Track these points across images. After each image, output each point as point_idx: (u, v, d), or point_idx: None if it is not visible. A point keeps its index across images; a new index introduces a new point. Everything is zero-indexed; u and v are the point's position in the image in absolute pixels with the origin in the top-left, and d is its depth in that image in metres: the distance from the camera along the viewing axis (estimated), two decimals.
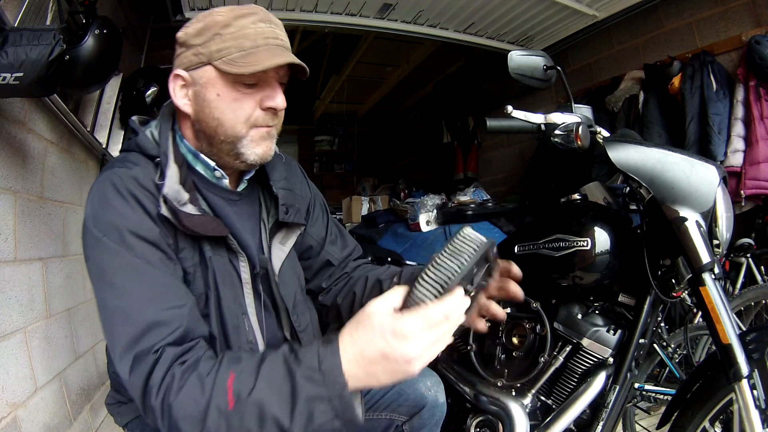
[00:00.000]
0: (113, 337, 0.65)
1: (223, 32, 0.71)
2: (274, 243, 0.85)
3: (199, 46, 0.72)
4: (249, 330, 0.79)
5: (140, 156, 0.76)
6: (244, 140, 0.75)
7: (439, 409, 0.98)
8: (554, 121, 1.07)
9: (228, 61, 0.71)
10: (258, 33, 0.72)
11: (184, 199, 0.71)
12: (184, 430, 0.59)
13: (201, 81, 0.73)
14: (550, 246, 1.09)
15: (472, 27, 3.17)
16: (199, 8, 2.67)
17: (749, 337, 0.93)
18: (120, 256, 0.66)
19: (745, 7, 2.42)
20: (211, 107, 0.73)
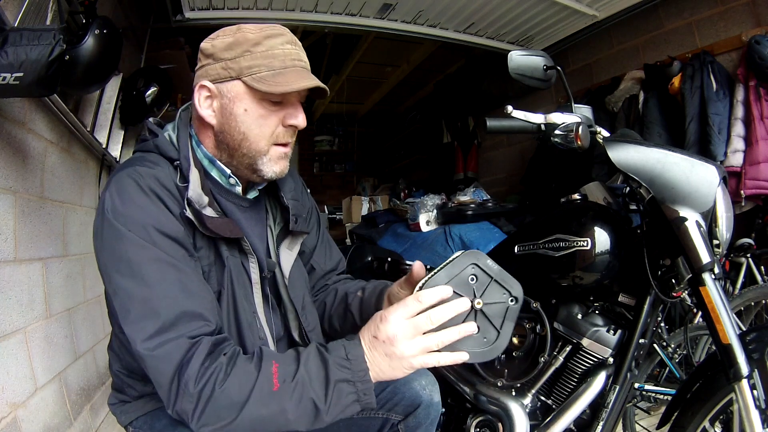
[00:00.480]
0: (138, 324, 0.68)
1: (253, 50, 0.75)
2: (282, 248, 0.91)
3: (229, 61, 0.75)
4: (260, 328, 0.83)
5: (159, 157, 0.79)
6: (265, 157, 0.79)
7: (435, 408, 0.98)
8: (554, 121, 1.07)
9: (258, 78, 0.74)
10: (286, 54, 0.76)
11: (205, 203, 0.76)
12: (222, 417, 0.64)
13: (229, 95, 0.76)
14: (550, 246, 1.09)
15: (472, 27, 3.17)
16: (199, 8, 2.67)
17: (749, 337, 0.93)
18: (147, 250, 0.69)
19: (745, 7, 2.42)
20: (238, 121, 0.77)
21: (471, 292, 0.73)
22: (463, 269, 0.73)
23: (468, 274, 0.73)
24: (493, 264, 0.76)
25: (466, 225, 2.87)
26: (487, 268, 0.75)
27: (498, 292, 0.75)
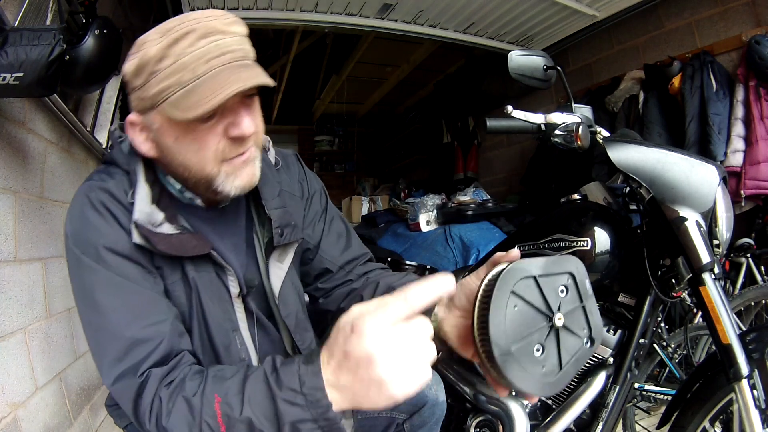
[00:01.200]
0: (98, 355, 0.65)
1: (159, 68, 0.61)
2: (271, 261, 0.80)
3: (140, 90, 0.64)
4: (241, 347, 0.76)
5: (117, 168, 0.72)
6: (218, 178, 0.68)
7: (440, 407, 0.98)
8: (554, 121, 1.07)
9: (171, 103, 0.62)
10: (198, 57, 0.61)
11: (158, 220, 0.67)
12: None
13: (154, 126, 0.66)
14: (550, 246, 1.09)
15: (472, 27, 3.17)
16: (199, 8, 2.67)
17: (749, 337, 0.93)
18: (98, 273, 0.65)
19: (745, 7, 2.42)
20: (173, 153, 0.67)
21: (553, 306, 0.55)
22: (559, 274, 0.57)
23: (560, 283, 0.57)
24: (590, 287, 0.60)
25: (466, 225, 2.87)
26: (582, 288, 0.59)
27: (579, 323, 0.58)
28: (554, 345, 0.55)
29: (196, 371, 0.63)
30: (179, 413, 0.58)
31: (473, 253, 2.58)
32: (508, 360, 0.50)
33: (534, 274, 0.54)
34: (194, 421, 0.57)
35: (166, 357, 0.64)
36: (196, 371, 0.63)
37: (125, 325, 0.63)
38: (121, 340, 0.63)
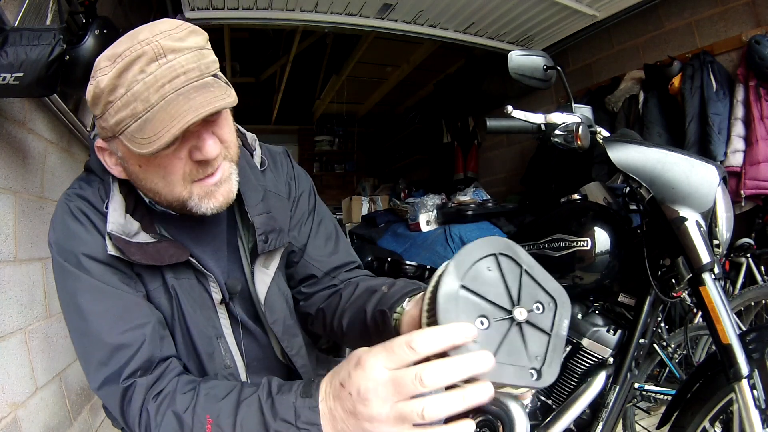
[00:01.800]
0: (84, 361, 0.66)
1: (112, 99, 0.59)
2: (256, 267, 0.77)
3: (100, 119, 0.62)
4: (226, 354, 0.75)
5: (95, 176, 0.73)
6: (191, 200, 0.66)
7: None
8: (554, 121, 1.07)
9: (128, 136, 0.59)
10: (149, 86, 0.57)
11: (133, 230, 0.67)
12: None
13: (119, 153, 0.65)
14: (550, 246, 1.09)
15: (472, 27, 3.17)
16: (199, 8, 2.67)
17: (749, 337, 0.93)
18: (80, 280, 0.65)
19: (745, 7, 2.42)
20: (140, 179, 0.66)
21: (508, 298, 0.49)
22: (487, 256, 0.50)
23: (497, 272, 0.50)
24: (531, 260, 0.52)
25: (466, 225, 2.86)
26: (528, 269, 0.51)
27: (532, 295, 0.51)
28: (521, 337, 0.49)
29: (186, 383, 0.62)
30: (168, 427, 0.58)
31: None
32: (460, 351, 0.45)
33: (488, 253, 0.49)
34: None
35: (149, 362, 0.64)
36: (186, 383, 0.62)
37: (107, 330, 0.64)
38: (103, 346, 0.63)
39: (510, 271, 0.50)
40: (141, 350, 0.63)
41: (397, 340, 0.46)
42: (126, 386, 0.62)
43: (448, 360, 0.43)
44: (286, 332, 0.81)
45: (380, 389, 0.45)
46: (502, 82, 3.66)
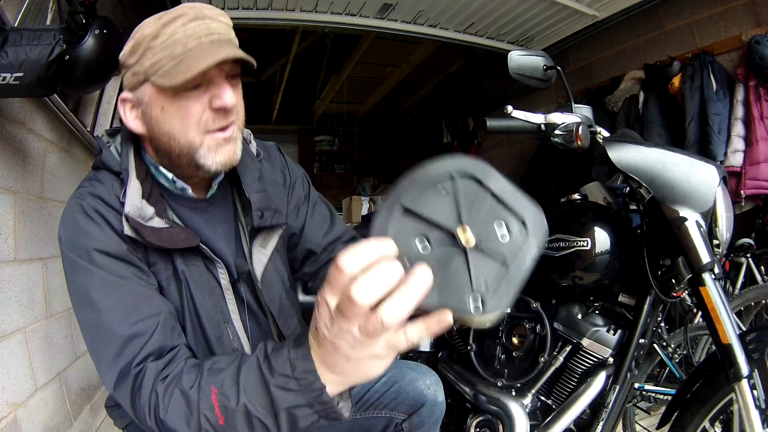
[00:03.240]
0: (96, 354, 0.66)
1: (153, 45, 0.67)
2: (254, 247, 0.81)
3: (135, 65, 0.69)
4: (234, 338, 0.78)
5: (106, 173, 0.75)
6: (201, 150, 0.70)
7: (438, 407, 0.98)
8: (554, 121, 1.07)
9: (162, 74, 0.67)
10: (188, 35, 0.67)
11: (149, 214, 0.70)
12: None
13: (144, 99, 0.71)
14: (550, 246, 1.09)
15: (472, 27, 3.17)
16: None
17: (749, 337, 0.93)
18: (93, 274, 0.67)
19: (745, 7, 2.42)
20: (159, 123, 0.70)
21: (457, 222, 0.45)
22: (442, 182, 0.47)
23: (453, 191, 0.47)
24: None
25: None
26: (498, 192, 0.47)
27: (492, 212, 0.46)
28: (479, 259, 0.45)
29: (192, 365, 0.63)
30: (176, 406, 0.59)
31: None
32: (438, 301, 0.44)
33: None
34: (191, 414, 0.58)
35: (161, 350, 0.65)
36: (192, 365, 0.63)
37: (120, 321, 0.65)
38: (116, 338, 0.64)
39: (469, 194, 0.46)
40: (153, 337, 0.65)
41: (330, 269, 0.45)
42: (137, 372, 0.63)
43: (376, 270, 0.43)
44: (282, 312, 0.84)
45: (337, 322, 0.46)
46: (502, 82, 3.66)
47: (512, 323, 1.17)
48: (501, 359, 1.16)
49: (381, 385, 0.97)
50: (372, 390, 0.97)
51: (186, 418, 0.58)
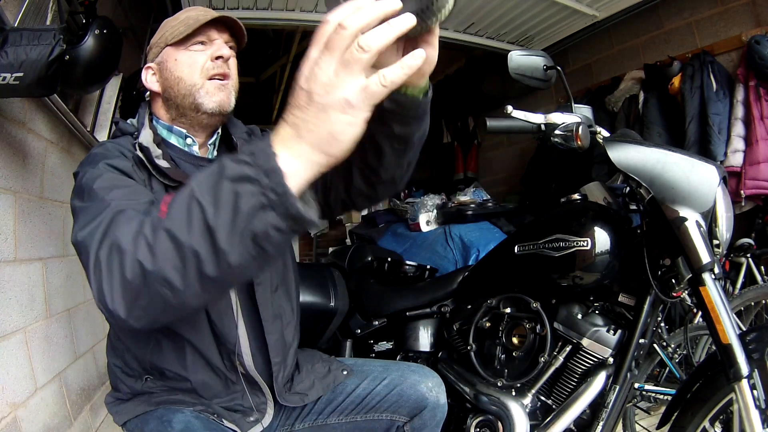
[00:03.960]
0: (82, 230, 0.65)
1: (172, 22, 0.90)
2: None
3: (159, 40, 0.90)
4: None
5: (123, 137, 0.89)
6: (201, 90, 0.86)
7: (440, 409, 0.98)
8: (554, 121, 1.07)
9: (176, 35, 0.87)
10: (201, 14, 0.88)
11: (158, 153, 0.84)
12: (125, 249, 0.56)
13: (162, 60, 0.89)
14: (550, 246, 1.09)
15: (472, 27, 3.17)
16: None
17: (749, 337, 0.93)
18: (101, 173, 0.75)
19: (745, 7, 2.42)
20: (172, 71, 0.88)
21: None
22: None
23: None
24: None
25: (466, 225, 2.86)
26: None
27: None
28: None
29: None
30: (129, 224, 0.60)
31: (473, 253, 2.58)
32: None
33: None
34: (139, 228, 0.57)
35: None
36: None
37: (117, 200, 0.69)
38: (107, 209, 0.66)
39: None
40: (144, 209, 0.67)
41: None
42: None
43: (362, 6, 0.46)
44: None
45: (320, 58, 0.46)
46: (502, 82, 3.66)
47: (512, 323, 1.17)
48: (501, 359, 1.16)
49: (383, 387, 0.97)
50: (374, 393, 0.97)
51: (134, 227, 0.58)
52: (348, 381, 1.00)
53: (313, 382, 0.97)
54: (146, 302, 0.56)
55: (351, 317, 1.51)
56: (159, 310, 0.57)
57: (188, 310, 0.59)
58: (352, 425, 0.97)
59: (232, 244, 0.50)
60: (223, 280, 0.54)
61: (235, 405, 0.90)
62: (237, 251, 0.50)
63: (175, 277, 0.53)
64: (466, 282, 1.38)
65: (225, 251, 0.50)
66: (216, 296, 0.63)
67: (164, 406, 0.86)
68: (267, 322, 0.89)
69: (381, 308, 1.48)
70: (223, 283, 0.56)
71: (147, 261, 0.54)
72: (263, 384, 0.91)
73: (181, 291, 0.53)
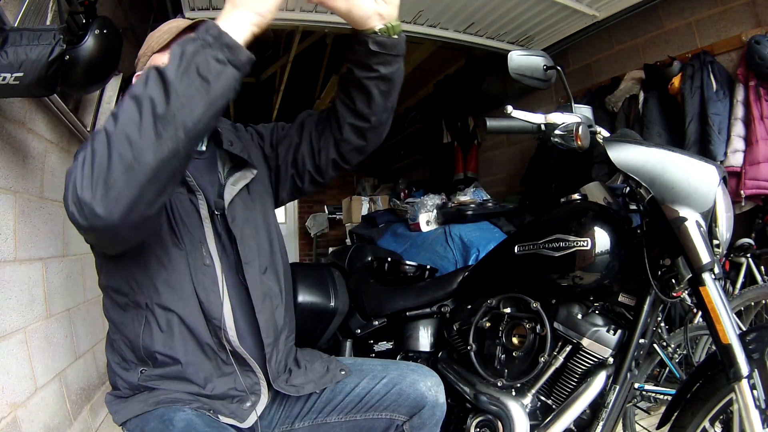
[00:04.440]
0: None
1: (156, 33, 0.96)
2: (227, 185, 0.98)
3: (146, 50, 0.96)
4: (206, 255, 0.91)
5: None
6: None
7: (439, 409, 0.98)
8: (554, 121, 1.07)
9: (161, 42, 0.93)
10: (182, 23, 0.93)
11: None
12: (95, 132, 0.69)
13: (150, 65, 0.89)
14: (550, 246, 1.09)
15: (472, 27, 3.17)
16: (199, 8, 2.67)
17: (749, 337, 0.93)
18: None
19: (745, 7, 2.42)
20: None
21: None
22: None
23: None
24: None
25: (466, 225, 2.86)
26: None
27: None
28: None
29: None
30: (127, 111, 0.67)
31: (473, 253, 2.58)
32: None
33: None
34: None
35: None
36: None
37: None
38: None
39: None
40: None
41: None
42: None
43: None
44: (244, 240, 0.95)
45: None
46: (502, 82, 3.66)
47: (512, 323, 1.17)
48: (501, 359, 1.16)
49: (382, 386, 0.98)
50: (373, 391, 0.97)
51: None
52: (347, 380, 1.00)
53: (310, 379, 0.98)
54: (110, 173, 0.63)
55: (351, 317, 1.51)
56: (123, 181, 0.63)
57: (148, 172, 0.63)
58: (352, 424, 0.97)
59: (180, 78, 0.64)
60: (174, 117, 0.63)
61: (230, 391, 0.91)
62: (184, 83, 0.63)
63: (133, 129, 0.63)
64: (466, 282, 1.38)
65: (172, 83, 0.63)
66: (171, 150, 0.64)
67: (165, 406, 0.86)
68: (257, 300, 0.93)
69: (381, 308, 1.47)
70: (175, 124, 0.63)
71: (111, 126, 0.64)
72: (253, 362, 0.92)
73: (137, 142, 0.62)
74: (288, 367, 0.99)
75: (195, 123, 0.65)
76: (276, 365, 0.95)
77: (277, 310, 0.98)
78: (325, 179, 1.07)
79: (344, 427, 0.98)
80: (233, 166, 1.01)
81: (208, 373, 0.90)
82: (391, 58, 0.88)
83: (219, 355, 0.90)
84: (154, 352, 0.87)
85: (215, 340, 0.90)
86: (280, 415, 0.99)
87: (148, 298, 0.87)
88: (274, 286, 0.99)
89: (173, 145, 0.64)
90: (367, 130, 0.98)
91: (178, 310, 0.87)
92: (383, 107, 0.96)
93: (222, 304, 0.90)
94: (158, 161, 0.63)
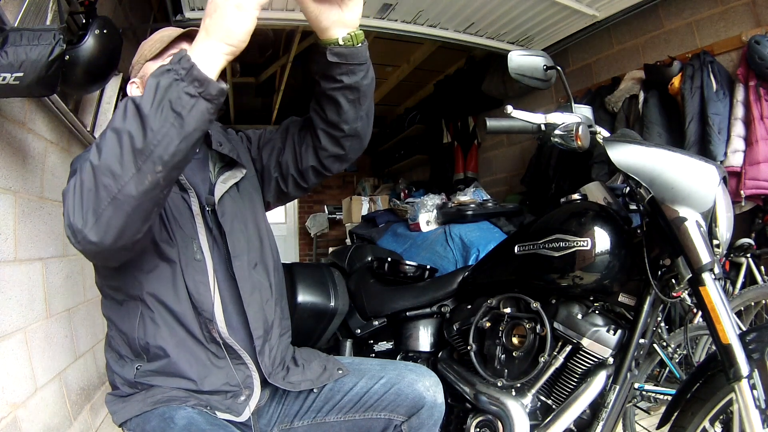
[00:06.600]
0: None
1: (149, 42, 0.98)
2: (217, 182, 1.00)
3: (139, 59, 0.99)
4: (197, 251, 0.93)
5: None
6: None
7: (438, 409, 0.98)
8: (554, 121, 1.07)
9: (154, 50, 0.96)
10: (173, 32, 0.96)
11: None
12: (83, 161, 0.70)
13: (144, 74, 0.97)
14: (550, 246, 1.09)
15: (472, 27, 3.17)
16: (199, 8, 2.67)
17: (749, 337, 0.93)
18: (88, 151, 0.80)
19: (745, 7, 2.42)
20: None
21: None
22: None
23: None
24: None
25: (466, 225, 2.86)
26: None
27: None
28: None
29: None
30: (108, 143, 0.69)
31: (473, 253, 2.58)
32: None
33: None
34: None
35: None
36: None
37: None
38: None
39: None
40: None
41: None
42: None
43: None
44: (233, 234, 0.97)
45: None
46: (502, 82, 3.66)
47: (512, 323, 1.17)
48: (501, 359, 1.16)
49: (380, 386, 0.98)
50: (371, 391, 0.97)
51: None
52: (345, 379, 1.00)
53: (307, 377, 0.99)
54: (98, 204, 0.66)
55: (351, 317, 1.51)
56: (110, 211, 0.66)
57: (132, 203, 0.67)
58: (351, 423, 0.98)
59: (155, 114, 0.65)
60: (152, 152, 0.66)
61: (224, 386, 0.92)
62: (159, 119, 0.65)
63: (115, 163, 0.66)
64: (466, 282, 1.38)
65: (148, 117, 0.65)
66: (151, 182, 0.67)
67: (164, 405, 0.86)
68: (245, 293, 0.95)
69: (381, 308, 1.48)
70: (153, 157, 0.66)
71: (95, 158, 0.67)
72: (244, 354, 0.93)
73: (120, 175, 0.66)
74: (286, 365, 1.00)
75: (171, 156, 0.67)
76: (270, 360, 0.96)
77: (267, 304, 0.99)
78: (308, 185, 1.08)
79: (343, 426, 0.98)
80: (224, 166, 1.04)
81: (201, 367, 0.91)
82: (354, 67, 0.88)
83: (209, 348, 0.92)
84: (147, 344, 0.89)
85: (206, 333, 0.91)
86: (279, 413, 0.99)
87: (141, 291, 0.89)
88: (263, 280, 1.00)
89: (153, 178, 0.67)
90: (342, 139, 0.98)
91: (170, 303, 0.89)
92: (355, 116, 0.95)
93: (212, 297, 0.91)
94: (140, 193, 0.67)
